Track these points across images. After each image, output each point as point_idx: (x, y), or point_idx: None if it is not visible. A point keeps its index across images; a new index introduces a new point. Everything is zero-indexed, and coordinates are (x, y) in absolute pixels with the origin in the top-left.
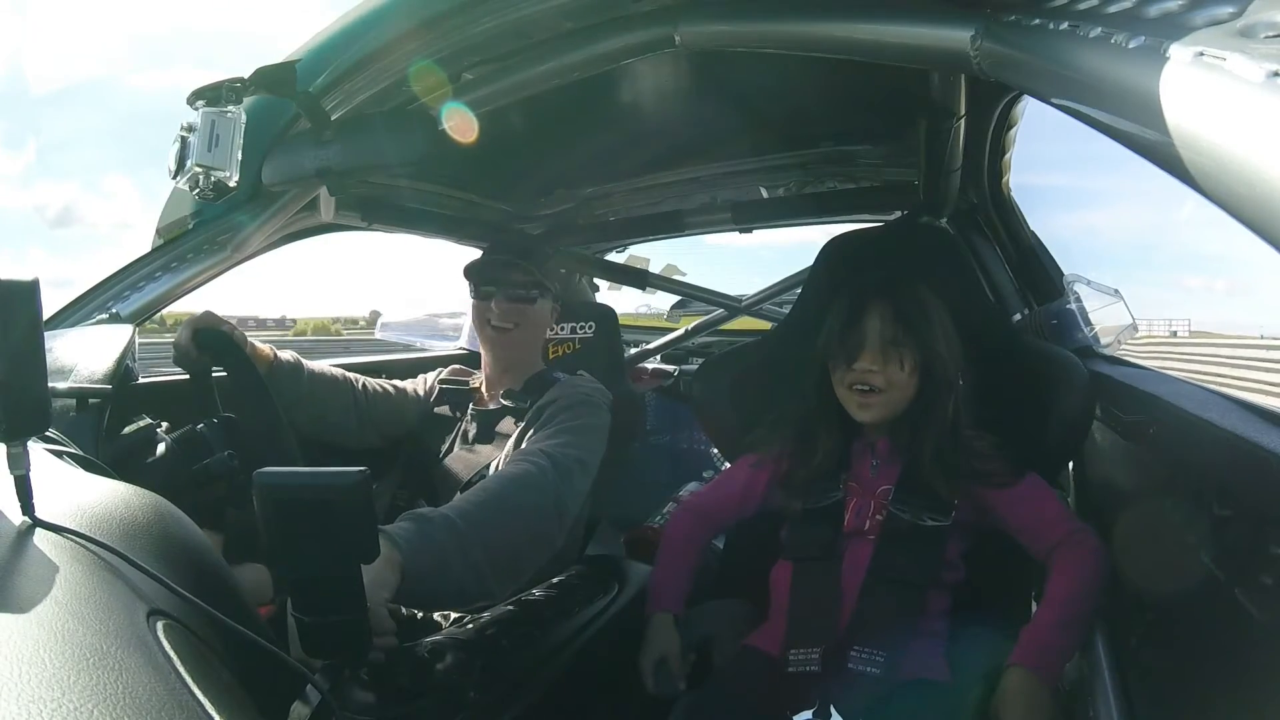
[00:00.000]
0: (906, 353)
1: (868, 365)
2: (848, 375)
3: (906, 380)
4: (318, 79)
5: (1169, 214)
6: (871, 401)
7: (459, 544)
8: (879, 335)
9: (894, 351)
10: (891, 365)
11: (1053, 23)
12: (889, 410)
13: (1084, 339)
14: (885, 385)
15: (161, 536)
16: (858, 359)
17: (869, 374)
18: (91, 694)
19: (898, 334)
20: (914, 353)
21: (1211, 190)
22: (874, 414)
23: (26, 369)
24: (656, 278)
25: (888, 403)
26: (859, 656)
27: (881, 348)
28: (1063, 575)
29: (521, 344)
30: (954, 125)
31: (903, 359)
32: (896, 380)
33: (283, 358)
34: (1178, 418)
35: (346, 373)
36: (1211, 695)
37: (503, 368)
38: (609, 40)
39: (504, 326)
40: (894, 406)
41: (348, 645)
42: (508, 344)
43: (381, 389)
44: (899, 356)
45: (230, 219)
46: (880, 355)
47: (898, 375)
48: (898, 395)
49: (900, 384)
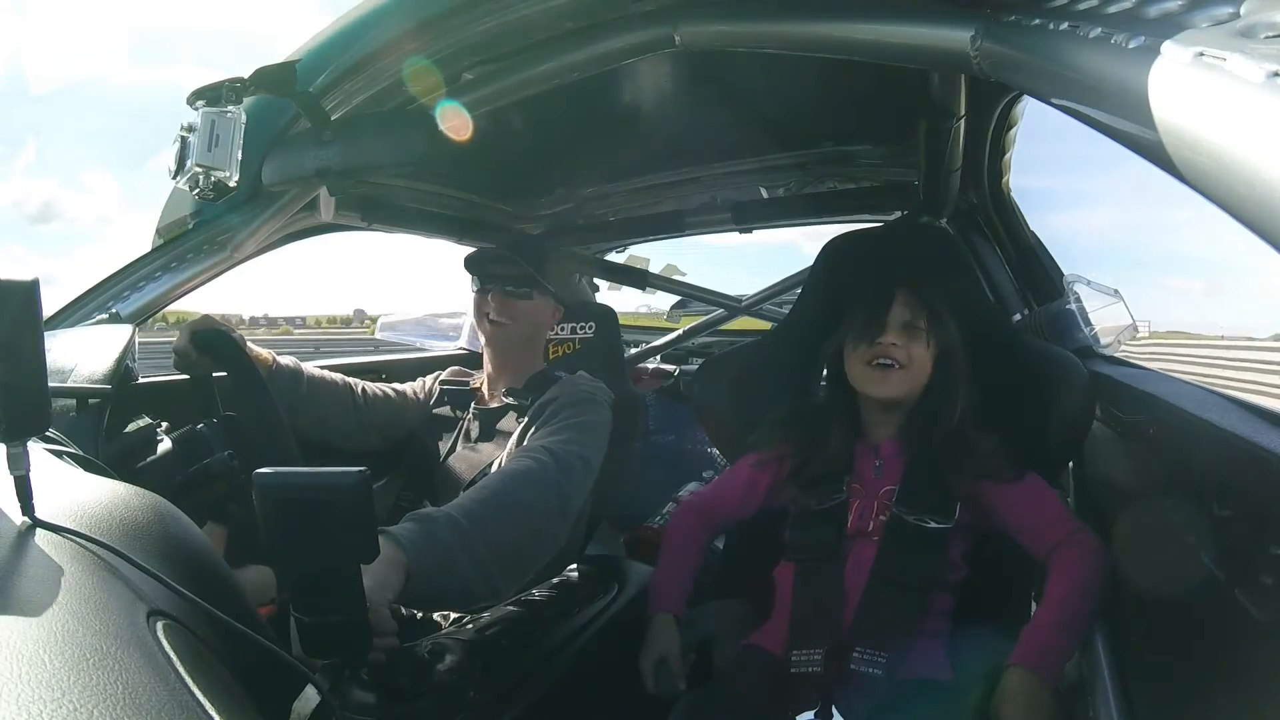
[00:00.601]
0: (927, 337)
1: (892, 339)
2: (869, 352)
3: (925, 361)
4: (318, 79)
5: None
6: (892, 377)
7: (463, 543)
8: (903, 317)
9: (917, 333)
10: (914, 343)
11: (1053, 23)
12: (905, 389)
13: (1084, 339)
14: (906, 361)
15: (161, 536)
16: (881, 335)
17: (892, 348)
18: (91, 694)
19: (921, 319)
20: (934, 339)
21: (1211, 191)
22: (892, 389)
23: (26, 369)
24: (656, 278)
25: (906, 380)
26: (861, 658)
27: (904, 327)
28: (1062, 575)
29: (518, 340)
30: (954, 125)
31: (925, 340)
32: (917, 357)
33: (282, 362)
34: (1178, 418)
35: (345, 377)
36: (1211, 695)
37: (501, 363)
38: (609, 40)
39: (500, 321)
40: (910, 386)
41: (348, 645)
42: (504, 339)
43: (381, 392)
44: (921, 338)
45: (230, 219)
46: (904, 333)
47: (919, 353)
48: (916, 374)
49: (920, 362)
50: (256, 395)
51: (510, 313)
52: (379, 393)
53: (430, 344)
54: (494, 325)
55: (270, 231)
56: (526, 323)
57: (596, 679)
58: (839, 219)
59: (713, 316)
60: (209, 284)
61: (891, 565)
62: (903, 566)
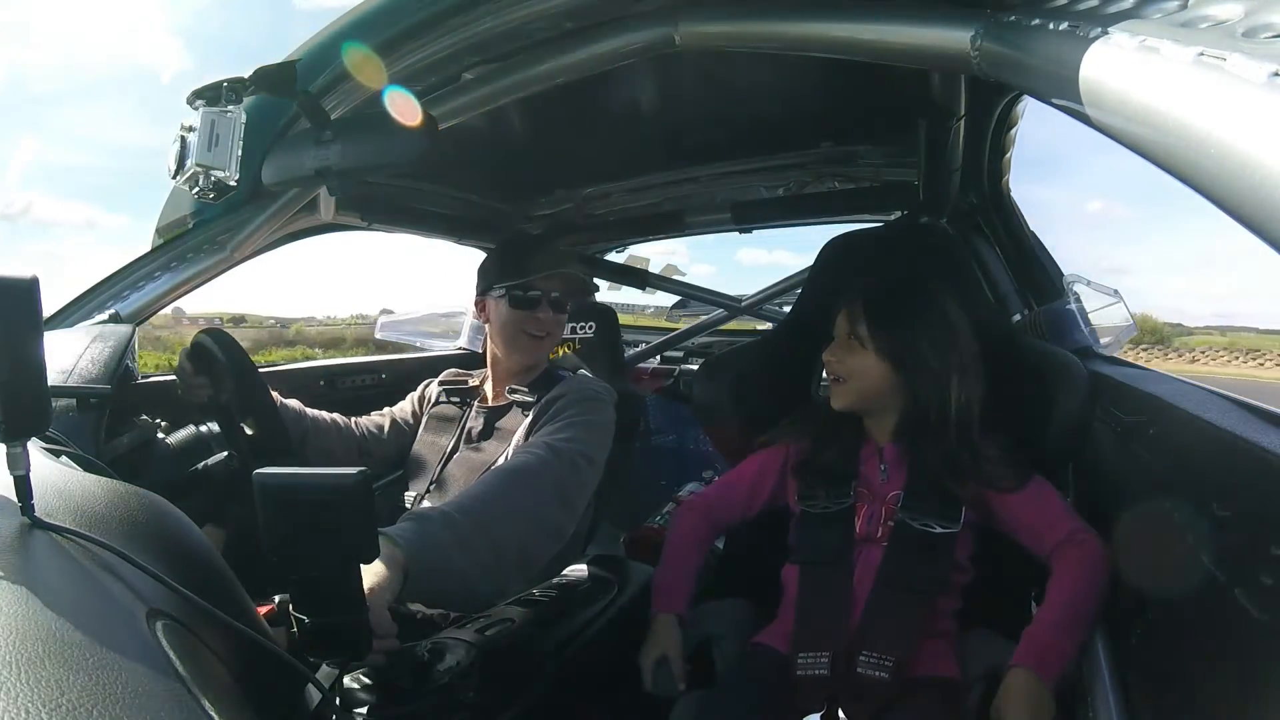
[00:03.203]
0: (864, 345)
1: (828, 356)
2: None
3: (872, 371)
4: (318, 79)
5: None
6: (838, 389)
7: (459, 539)
8: (843, 329)
9: (856, 344)
10: (850, 356)
11: (1053, 23)
12: (850, 400)
13: (1084, 339)
14: (847, 374)
15: (161, 536)
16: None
17: (830, 363)
18: (91, 694)
19: (855, 329)
20: (872, 347)
21: (1212, 191)
22: (841, 400)
23: (26, 369)
24: (656, 278)
25: (854, 391)
26: (868, 661)
27: (844, 341)
28: (1064, 576)
29: (550, 348)
30: (954, 125)
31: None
32: (859, 369)
33: (285, 400)
34: (1178, 418)
35: (336, 416)
36: (1211, 695)
37: (521, 369)
38: (609, 40)
39: (540, 335)
40: (863, 395)
41: (348, 645)
42: (540, 350)
43: (377, 426)
44: (860, 349)
45: (230, 219)
46: (841, 347)
47: (860, 364)
48: (861, 385)
49: (865, 373)
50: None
51: (548, 325)
52: (373, 427)
53: (430, 344)
54: (534, 340)
55: (270, 231)
56: (559, 332)
57: (597, 679)
58: (839, 219)
59: (712, 316)
60: (210, 284)
61: (898, 570)
62: (909, 571)
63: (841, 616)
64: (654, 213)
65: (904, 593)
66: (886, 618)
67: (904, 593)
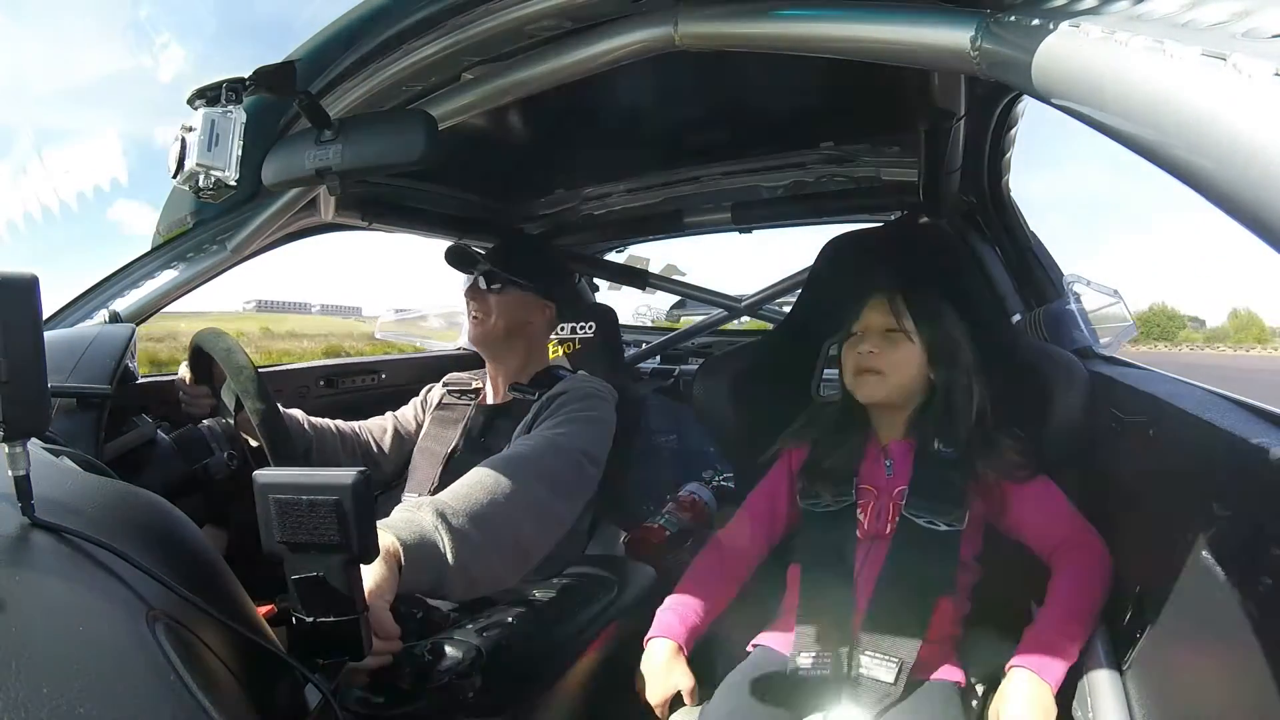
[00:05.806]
0: (910, 338)
1: (869, 347)
2: (854, 359)
3: (910, 365)
4: (318, 79)
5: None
6: (870, 381)
7: (449, 528)
8: (880, 323)
9: (896, 337)
10: (894, 349)
11: (1053, 22)
12: (885, 393)
13: (1084, 339)
14: (885, 367)
15: (161, 536)
16: (860, 343)
17: (870, 355)
18: (91, 694)
19: (900, 322)
20: (919, 340)
21: (1212, 191)
22: (878, 393)
23: (26, 369)
24: (656, 278)
25: (885, 385)
26: (871, 661)
27: (883, 333)
28: (1066, 576)
29: (497, 334)
30: (954, 125)
31: (907, 342)
32: (898, 362)
33: (287, 410)
34: (1178, 418)
35: (339, 423)
36: (1211, 695)
37: (495, 360)
38: (609, 40)
39: (476, 316)
40: (892, 390)
41: (348, 645)
42: (481, 334)
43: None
44: (901, 342)
45: (230, 219)
46: (882, 339)
47: (900, 357)
48: (898, 379)
49: (903, 366)
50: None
51: (484, 307)
52: (377, 433)
53: (430, 344)
54: (471, 321)
55: (270, 231)
56: (502, 316)
57: (597, 679)
58: (839, 219)
59: (713, 316)
60: (209, 283)
61: (902, 568)
62: (913, 569)
63: (844, 616)
64: (654, 213)
65: (907, 591)
66: (890, 617)
67: (907, 591)
